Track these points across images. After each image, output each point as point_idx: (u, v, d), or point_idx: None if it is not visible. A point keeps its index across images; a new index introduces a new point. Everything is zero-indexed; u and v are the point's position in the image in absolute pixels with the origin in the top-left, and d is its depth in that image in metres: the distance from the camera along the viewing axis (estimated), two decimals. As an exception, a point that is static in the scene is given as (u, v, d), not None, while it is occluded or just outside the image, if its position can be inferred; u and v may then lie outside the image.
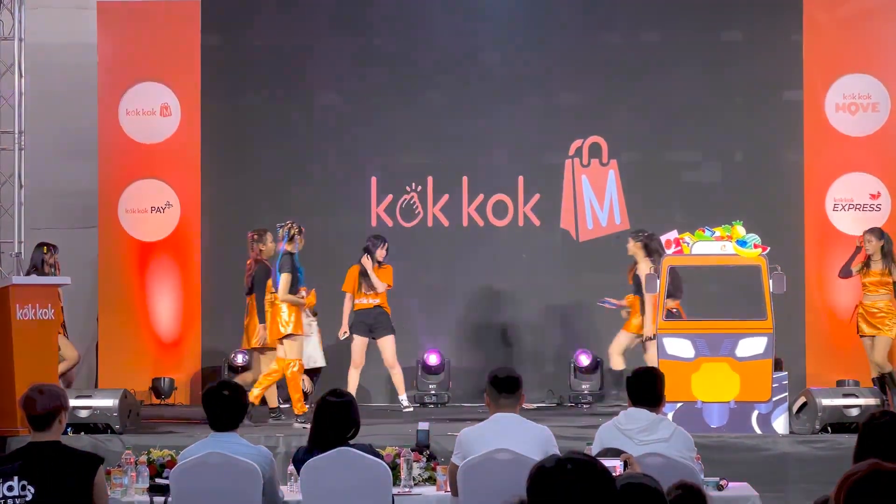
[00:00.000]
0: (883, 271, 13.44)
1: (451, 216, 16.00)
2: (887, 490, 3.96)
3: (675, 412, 11.62)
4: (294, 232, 13.20)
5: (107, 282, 15.96)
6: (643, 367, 8.30)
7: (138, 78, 16.07)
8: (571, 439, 10.87)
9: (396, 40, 16.13)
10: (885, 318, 13.36)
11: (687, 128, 15.86)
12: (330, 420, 8.01)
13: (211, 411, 7.83)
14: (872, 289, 13.48)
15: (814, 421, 11.92)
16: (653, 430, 7.89)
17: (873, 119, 15.55)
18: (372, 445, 8.15)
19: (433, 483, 8.94)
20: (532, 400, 15.22)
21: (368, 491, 7.91)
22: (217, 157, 16.07)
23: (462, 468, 7.96)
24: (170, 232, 16.08)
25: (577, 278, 15.90)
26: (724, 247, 12.08)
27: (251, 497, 7.62)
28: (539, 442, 8.03)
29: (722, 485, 8.58)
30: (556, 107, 16.00)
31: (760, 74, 15.74)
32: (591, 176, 15.97)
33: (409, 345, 15.83)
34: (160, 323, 16.01)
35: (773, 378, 11.95)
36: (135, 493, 8.56)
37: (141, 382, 15.35)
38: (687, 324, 12.50)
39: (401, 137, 16.05)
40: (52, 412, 6.72)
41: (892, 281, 13.47)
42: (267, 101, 16.18)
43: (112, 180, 16.01)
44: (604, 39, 16.08)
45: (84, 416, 12.05)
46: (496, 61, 16.07)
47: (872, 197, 15.51)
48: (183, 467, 7.91)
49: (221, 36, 16.24)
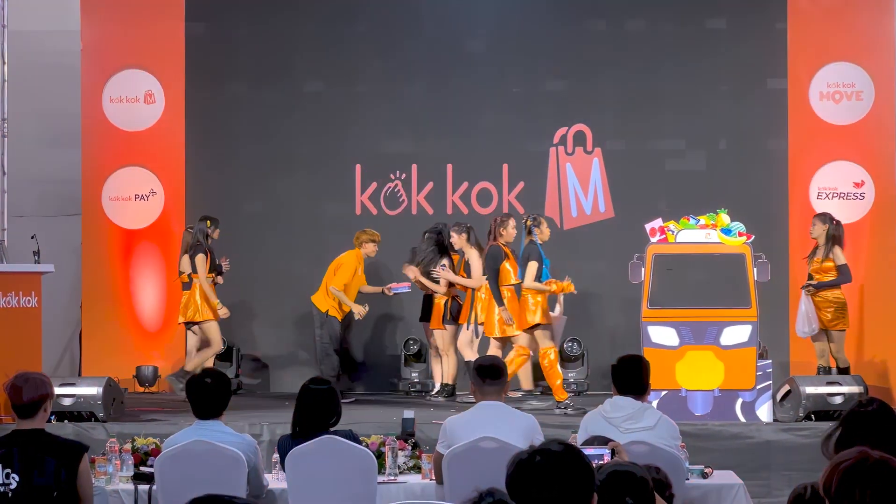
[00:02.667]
0: (826, 258, 13.44)
1: (435, 204, 15.98)
2: (876, 477, 3.98)
3: (659, 400, 11.63)
4: (531, 224, 13.33)
5: (90, 269, 15.92)
6: (629, 356, 8.28)
7: (122, 65, 16.02)
8: (556, 427, 10.88)
9: (381, 28, 16.09)
10: (829, 310, 13.38)
11: (671, 116, 15.85)
12: (313, 407, 8.01)
13: (194, 400, 7.84)
14: (816, 277, 13.51)
15: (797, 409, 11.94)
16: (638, 419, 7.90)
17: (857, 107, 15.56)
18: (353, 431, 8.15)
19: (418, 471, 8.95)
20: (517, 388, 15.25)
21: (353, 479, 7.92)
22: (201, 145, 16.03)
23: (447, 456, 7.97)
24: (154, 219, 16.04)
25: (561, 266, 15.88)
26: (708, 235, 12.09)
27: (236, 484, 7.62)
28: (524, 430, 8.04)
29: (707, 472, 8.60)
30: (541, 95, 15.99)
31: (745, 63, 15.75)
32: (575, 164, 15.97)
33: (395, 333, 15.87)
34: (144, 311, 15.97)
35: (757, 366, 11.97)
36: (119, 481, 8.55)
37: (125, 370, 15.31)
38: (671, 311, 12.51)
39: (385, 125, 16.02)
40: (37, 401, 6.71)
41: (833, 267, 13.43)
42: (251, 89, 16.13)
43: (96, 168, 15.97)
44: (589, 27, 16.06)
45: (68, 404, 12.01)
46: (481, 49, 16.04)
47: (856, 185, 15.53)
48: (167, 455, 7.91)
49: (205, 23, 16.19)
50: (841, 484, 4.00)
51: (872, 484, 3.97)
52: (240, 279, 15.24)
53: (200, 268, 14.17)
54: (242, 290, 15.52)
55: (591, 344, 15.31)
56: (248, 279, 15.55)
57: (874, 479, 3.98)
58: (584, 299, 15.61)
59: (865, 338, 15.16)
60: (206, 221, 14.42)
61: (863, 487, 3.97)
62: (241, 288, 15.40)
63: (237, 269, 15.13)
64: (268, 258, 15.72)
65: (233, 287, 15.24)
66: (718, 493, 8.37)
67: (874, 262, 15.35)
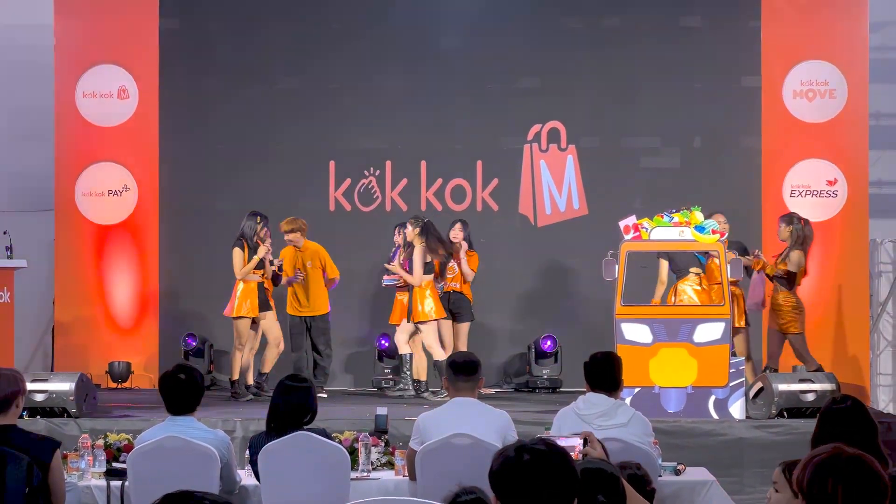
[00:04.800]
0: (782, 261, 13.40)
1: (409, 200, 15.97)
2: (849, 472, 3.99)
3: (632, 397, 11.64)
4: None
5: (63, 265, 15.87)
6: (602, 353, 8.26)
7: (95, 60, 15.97)
8: (530, 424, 10.88)
9: (355, 24, 16.07)
10: (780, 312, 13.41)
11: (646, 113, 15.88)
12: (288, 405, 8.00)
13: (167, 395, 7.82)
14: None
15: (770, 406, 11.96)
16: (611, 415, 7.90)
17: (830, 106, 15.61)
18: (325, 430, 8.14)
19: (391, 468, 8.93)
20: (490, 385, 15.27)
21: (326, 475, 7.90)
22: (175, 141, 15.99)
23: (420, 453, 7.96)
24: (127, 215, 15.99)
25: (535, 263, 15.92)
26: (682, 232, 12.10)
27: (209, 481, 7.60)
28: (498, 427, 8.04)
29: (679, 469, 8.61)
30: (515, 91, 16.00)
31: (719, 60, 15.79)
32: (549, 161, 15.98)
33: (364, 329, 15.86)
34: (117, 307, 15.93)
35: (730, 363, 11.99)
36: (92, 477, 8.51)
37: (97, 366, 15.29)
38: (645, 309, 12.51)
39: (359, 121, 16.01)
40: (8, 397, 6.69)
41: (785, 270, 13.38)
42: (225, 85, 16.10)
43: (69, 163, 15.92)
44: (563, 24, 16.07)
45: (40, 400, 11.95)
46: (455, 45, 16.04)
47: (829, 183, 15.58)
48: (140, 451, 7.89)
49: (180, 19, 16.15)
50: (814, 476, 4.02)
51: (846, 478, 3.99)
52: (214, 275, 15.20)
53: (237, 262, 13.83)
54: (217, 285, 15.46)
55: (565, 341, 15.31)
56: (222, 275, 15.48)
57: (848, 473, 4.00)
58: (558, 295, 15.65)
59: (837, 335, 15.22)
60: (256, 218, 13.95)
61: (836, 480, 3.99)
62: (215, 283, 15.35)
63: (212, 265, 15.10)
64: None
65: (207, 282, 15.21)
66: (691, 490, 8.38)
67: (846, 260, 15.41)
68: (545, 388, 15.16)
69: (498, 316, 15.76)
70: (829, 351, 15.01)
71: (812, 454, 4.08)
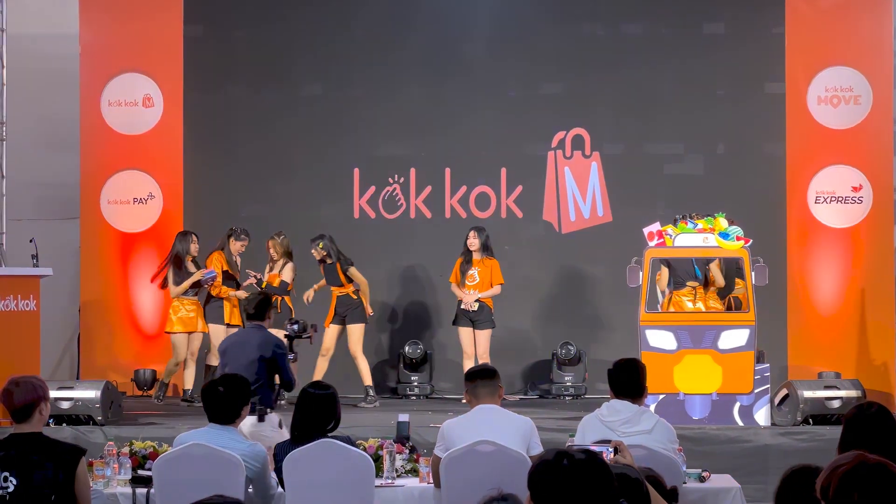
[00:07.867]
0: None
1: (433, 208, 15.99)
2: (873, 482, 3.99)
3: (657, 404, 11.64)
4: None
5: (88, 273, 15.92)
6: (626, 359, 8.24)
7: (120, 69, 16.02)
8: (553, 430, 10.88)
9: (380, 31, 16.10)
10: None
11: (669, 120, 15.86)
12: (312, 413, 8.02)
13: (206, 405, 7.90)
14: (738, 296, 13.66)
15: (795, 413, 11.94)
16: (635, 422, 7.88)
17: (855, 112, 15.57)
18: (350, 437, 8.16)
19: (416, 475, 8.94)
20: (514, 392, 15.27)
21: (351, 483, 7.91)
22: (199, 149, 16.03)
23: (445, 460, 7.96)
24: (152, 223, 16.04)
25: (559, 270, 15.91)
26: (706, 239, 12.09)
27: (234, 488, 7.61)
28: (522, 433, 8.03)
29: (704, 476, 8.60)
30: (539, 98, 15.99)
31: (743, 67, 15.76)
32: (573, 168, 15.97)
33: (391, 337, 15.86)
34: (142, 314, 15.97)
35: (755, 370, 11.97)
36: (117, 484, 8.55)
37: (123, 374, 15.33)
38: (669, 315, 12.50)
39: (383, 129, 16.03)
40: (29, 404, 6.70)
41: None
42: (249, 93, 16.14)
43: (94, 171, 15.97)
44: (587, 31, 16.07)
45: (66, 408, 12.01)
46: (479, 52, 16.05)
47: (854, 189, 15.54)
48: (165, 458, 7.92)
49: (204, 27, 16.20)
50: (839, 488, 4.00)
51: (870, 488, 3.98)
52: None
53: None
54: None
55: (589, 348, 15.30)
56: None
57: (872, 482, 3.99)
58: (581, 303, 15.64)
59: (863, 342, 15.17)
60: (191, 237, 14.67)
61: (861, 491, 3.98)
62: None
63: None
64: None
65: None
66: (716, 497, 8.37)
67: (872, 266, 15.35)
68: (569, 395, 15.14)
69: (522, 322, 15.76)
70: (854, 357, 14.96)
71: (835, 463, 4.06)
